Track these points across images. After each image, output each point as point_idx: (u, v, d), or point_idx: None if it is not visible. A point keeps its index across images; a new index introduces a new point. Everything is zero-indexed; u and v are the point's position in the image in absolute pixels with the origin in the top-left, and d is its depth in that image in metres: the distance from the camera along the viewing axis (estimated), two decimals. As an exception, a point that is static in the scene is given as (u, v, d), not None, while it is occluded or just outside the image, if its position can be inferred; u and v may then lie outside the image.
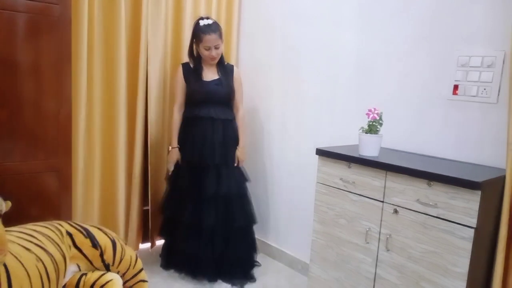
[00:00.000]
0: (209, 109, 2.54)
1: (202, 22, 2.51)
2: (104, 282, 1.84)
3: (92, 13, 2.44)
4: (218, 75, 2.61)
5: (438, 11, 1.99)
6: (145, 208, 2.86)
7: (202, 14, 2.88)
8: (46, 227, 1.77)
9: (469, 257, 1.53)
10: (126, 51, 2.58)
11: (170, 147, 2.66)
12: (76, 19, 2.32)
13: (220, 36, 2.53)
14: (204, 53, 2.52)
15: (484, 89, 1.84)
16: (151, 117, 2.74)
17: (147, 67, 2.68)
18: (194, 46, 2.59)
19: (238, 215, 2.57)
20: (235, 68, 2.71)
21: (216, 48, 2.52)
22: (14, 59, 1.92)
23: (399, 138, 2.15)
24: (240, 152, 2.63)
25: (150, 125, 2.74)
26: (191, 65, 2.62)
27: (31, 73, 1.96)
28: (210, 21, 2.52)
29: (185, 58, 2.84)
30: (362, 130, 1.93)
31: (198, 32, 2.50)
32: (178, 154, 2.63)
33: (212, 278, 2.55)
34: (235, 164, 2.61)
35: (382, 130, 1.94)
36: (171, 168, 2.66)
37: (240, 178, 2.64)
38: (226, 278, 2.56)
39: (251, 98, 2.96)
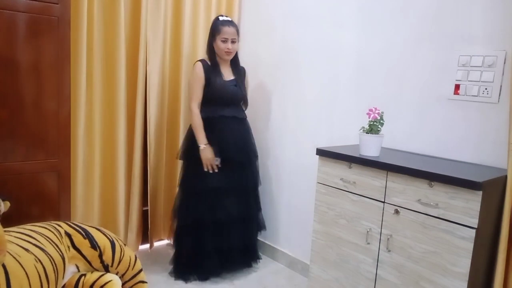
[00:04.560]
0: (231, 109, 2.61)
1: (221, 18, 2.59)
2: (103, 283, 1.83)
3: (92, 13, 2.43)
4: (233, 75, 2.65)
5: (438, 11, 1.99)
6: (145, 208, 2.86)
7: (202, 14, 2.90)
8: (45, 228, 1.76)
9: (470, 257, 1.52)
10: (125, 51, 2.57)
11: (201, 146, 2.50)
12: (75, 19, 2.31)
13: (238, 32, 2.59)
14: (221, 46, 2.53)
15: (486, 88, 1.83)
16: (150, 117, 2.73)
17: (147, 67, 2.67)
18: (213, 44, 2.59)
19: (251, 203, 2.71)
20: (246, 70, 2.78)
21: (233, 42, 2.55)
22: (14, 59, 1.91)
23: (400, 138, 2.15)
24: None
25: (149, 125, 2.73)
26: (209, 63, 2.59)
27: (31, 72, 1.96)
28: (229, 18, 2.61)
29: (185, 58, 2.84)
30: (363, 130, 1.93)
31: (217, 25, 2.55)
32: (211, 151, 2.52)
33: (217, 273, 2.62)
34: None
35: (383, 130, 1.94)
36: (216, 162, 2.53)
37: (256, 171, 2.79)
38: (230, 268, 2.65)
39: (251, 98, 2.96)
